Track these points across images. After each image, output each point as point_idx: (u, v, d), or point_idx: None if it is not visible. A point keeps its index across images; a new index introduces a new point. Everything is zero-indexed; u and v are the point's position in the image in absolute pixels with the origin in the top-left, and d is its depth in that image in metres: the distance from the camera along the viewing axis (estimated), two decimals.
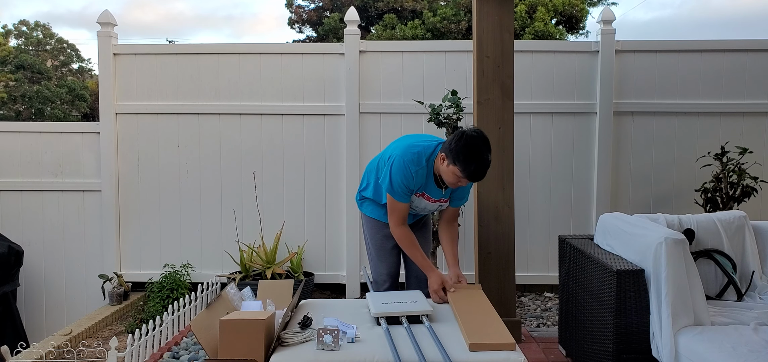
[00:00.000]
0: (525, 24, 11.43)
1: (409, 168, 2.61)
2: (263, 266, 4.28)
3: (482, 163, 2.47)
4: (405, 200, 2.67)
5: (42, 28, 18.06)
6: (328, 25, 13.52)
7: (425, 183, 2.69)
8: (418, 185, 2.67)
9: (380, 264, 2.98)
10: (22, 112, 14.99)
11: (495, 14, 3.42)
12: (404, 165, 2.61)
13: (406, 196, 2.67)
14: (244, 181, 4.64)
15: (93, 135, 4.69)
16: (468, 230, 4.44)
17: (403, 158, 2.63)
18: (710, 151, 4.37)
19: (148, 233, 4.70)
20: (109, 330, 4.19)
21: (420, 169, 2.62)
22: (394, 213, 2.71)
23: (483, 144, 2.48)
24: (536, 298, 4.55)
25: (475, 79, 3.46)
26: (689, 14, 37.63)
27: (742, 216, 2.94)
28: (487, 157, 2.47)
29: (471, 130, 2.53)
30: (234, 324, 2.06)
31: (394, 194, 2.66)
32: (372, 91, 4.57)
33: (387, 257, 2.96)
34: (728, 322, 2.41)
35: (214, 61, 4.63)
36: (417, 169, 2.62)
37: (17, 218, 4.69)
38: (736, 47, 4.52)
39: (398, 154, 2.65)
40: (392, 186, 2.65)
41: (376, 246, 2.97)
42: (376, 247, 2.98)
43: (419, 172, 2.63)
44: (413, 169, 2.61)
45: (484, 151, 2.47)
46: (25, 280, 4.63)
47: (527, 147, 4.58)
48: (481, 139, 2.48)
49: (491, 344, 2.04)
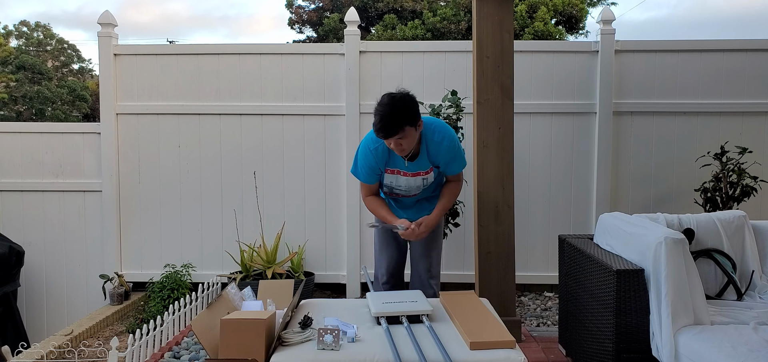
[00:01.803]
0: (525, 24, 11.44)
1: (368, 146, 2.78)
2: (264, 266, 4.29)
3: (380, 114, 2.55)
4: (370, 180, 2.87)
5: (42, 28, 18.07)
6: (328, 26, 13.52)
7: (389, 158, 2.79)
8: (384, 161, 2.79)
9: (381, 255, 3.08)
10: (23, 113, 15.00)
11: (495, 14, 3.42)
12: (365, 145, 2.83)
13: (372, 176, 2.85)
14: (244, 181, 4.65)
15: (94, 135, 4.69)
16: (468, 230, 4.45)
17: (365, 140, 2.82)
18: (710, 151, 4.38)
19: (148, 233, 4.71)
20: (110, 330, 4.20)
21: (379, 145, 2.75)
22: (362, 189, 2.96)
23: (387, 99, 2.58)
24: (536, 298, 4.56)
25: (475, 79, 3.47)
26: (685, 14, 37.68)
27: (741, 216, 2.94)
28: (386, 108, 2.54)
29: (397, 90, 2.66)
30: (235, 324, 2.06)
31: (358, 175, 2.90)
32: (372, 91, 4.58)
33: (386, 248, 3.05)
34: (728, 322, 2.42)
35: (215, 62, 4.64)
36: (375, 146, 2.75)
37: (18, 218, 4.70)
38: (735, 47, 4.52)
39: (363, 139, 2.84)
40: (356, 167, 2.90)
41: (378, 236, 3.08)
42: (378, 237, 3.09)
43: (379, 148, 2.75)
44: (372, 146, 2.76)
45: (384, 103, 2.56)
46: (26, 280, 4.63)
47: (527, 147, 4.58)
48: (386, 96, 2.60)
49: (491, 342, 2.05)
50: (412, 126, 2.59)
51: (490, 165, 3.45)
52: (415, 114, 2.59)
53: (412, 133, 2.61)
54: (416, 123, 2.61)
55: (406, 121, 2.55)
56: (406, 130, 2.57)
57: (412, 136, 2.63)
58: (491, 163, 3.45)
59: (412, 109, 2.59)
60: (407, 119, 2.56)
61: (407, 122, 2.56)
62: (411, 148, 2.67)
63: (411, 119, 2.57)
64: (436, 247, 3.05)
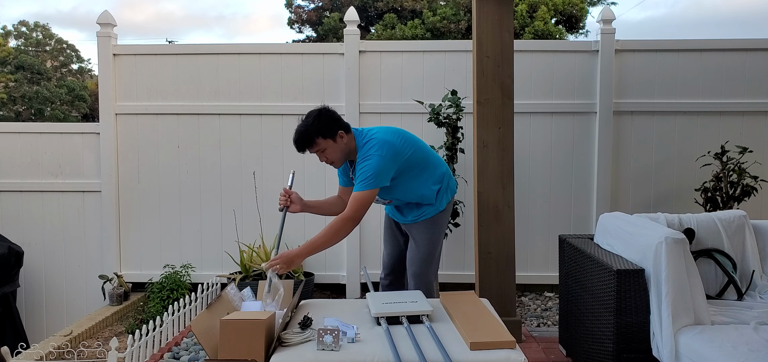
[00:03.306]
0: (525, 23, 11.44)
1: None
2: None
3: (295, 130, 2.71)
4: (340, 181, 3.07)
5: (41, 28, 18.06)
6: (327, 25, 13.52)
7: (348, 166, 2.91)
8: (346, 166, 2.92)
9: (384, 247, 3.19)
10: (22, 113, 15.00)
11: (495, 14, 3.42)
12: None
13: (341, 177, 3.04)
14: (244, 181, 4.64)
15: (93, 135, 4.69)
16: (468, 230, 4.44)
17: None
18: (710, 151, 4.37)
19: (148, 233, 4.70)
20: (110, 331, 4.19)
21: None
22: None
23: (305, 116, 2.73)
24: (536, 298, 4.55)
25: (475, 79, 3.46)
26: (682, 13, 37.68)
27: (742, 216, 2.94)
28: (299, 125, 2.71)
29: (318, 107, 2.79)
30: (234, 324, 2.06)
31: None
32: (372, 91, 4.57)
33: (386, 244, 3.18)
34: (728, 321, 2.41)
35: (214, 62, 4.63)
36: None
37: (17, 219, 4.69)
38: (736, 46, 4.52)
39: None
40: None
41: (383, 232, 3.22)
42: (382, 233, 3.22)
43: None
44: None
45: (301, 120, 2.72)
46: (25, 281, 4.63)
47: (527, 147, 4.58)
48: (309, 111, 2.75)
49: (491, 342, 2.04)
50: (326, 138, 2.69)
51: (490, 165, 3.45)
52: (328, 127, 2.69)
53: (330, 144, 2.72)
54: (332, 135, 2.70)
55: (315, 133, 2.67)
56: (318, 142, 2.69)
57: (333, 147, 2.73)
58: (491, 163, 3.45)
59: (324, 122, 2.69)
60: (317, 132, 2.67)
61: (318, 135, 2.68)
62: (337, 158, 2.77)
63: (323, 132, 2.68)
64: (429, 259, 2.96)
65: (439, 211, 2.95)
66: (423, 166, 2.87)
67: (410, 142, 2.84)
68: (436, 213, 2.93)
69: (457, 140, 4.18)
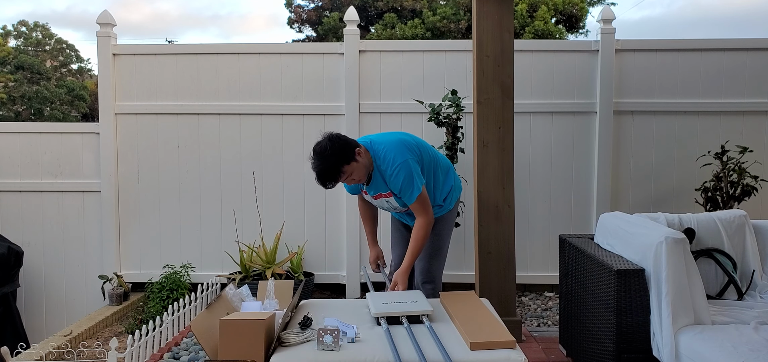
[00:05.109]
0: (525, 23, 11.44)
1: None
2: (263, 266, 4.28)
3: (316, 171, 2.63)
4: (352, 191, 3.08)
5: (41, 28, 18.05)
6: (327, 25, 13.51)
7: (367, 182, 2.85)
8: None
9: (392, 253, 3.23)
10: (22, 113, 15.00)
11: (495, 14, 3.42)
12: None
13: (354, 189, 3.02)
14: (243, 181, 4.64)
15: (92, 135, 4.68)
16: (468, 230, 4.44)
17: None
18: (710, 150, 4.37)
19: (147, 233, 4.70)
20: (109, 331, 4.19)
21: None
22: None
23: (317, 153, 2.62)
24: (537, 298, 4.55)
25: (475, 79, 3.46)
26: (679, 13, 37.75)
27: (742, 216, 2.94)
28: (319, 165, 2.61)
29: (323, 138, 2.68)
30: (234, 324, 2.05)
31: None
32: (372, 90, 4.57)
33: (394, 246, 3.22)
34: (729, 321, 2.41)
35: (214, 61, 4.63)
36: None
37: (17, 219, 4.69)
38: (736, 46, 4.52)
39: None
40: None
41: (391, 232, 3.27)
42: (390, 234, 3.27)
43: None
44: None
45: (315, 158, 2.62)
46: (25, 281, 4.62)
47: (527, 146, 4.57)
48: (315, 149, 2.64)
49: (492, 342, 2.04)
50: (349, 163, 2.65)
51: (490, 165, 3.45)
52: (346, 152, 2.64)
53: (354, 167, 2.67)
54: (352, 158, 2.65)
55: (338, 164, 2.62)
56: (344, 170, 2.65)
57: (357, 168, 2.69)
58: (491, 162, 3.44)
59: (340, 149, 2.63)
60: (339, 162, 2.62)
61: (341, 164, 2.63)
62: (361, 176, 2.74)
63: (345, 159, 2.63)
64: (435, 253, 3.03)
65: (449, 210, 3.03)
66: (435, 170, 2.93)
67: (416, 147, 2.84)
68: (445, 212, 3.01)
69: (457, 140, 4.18)
